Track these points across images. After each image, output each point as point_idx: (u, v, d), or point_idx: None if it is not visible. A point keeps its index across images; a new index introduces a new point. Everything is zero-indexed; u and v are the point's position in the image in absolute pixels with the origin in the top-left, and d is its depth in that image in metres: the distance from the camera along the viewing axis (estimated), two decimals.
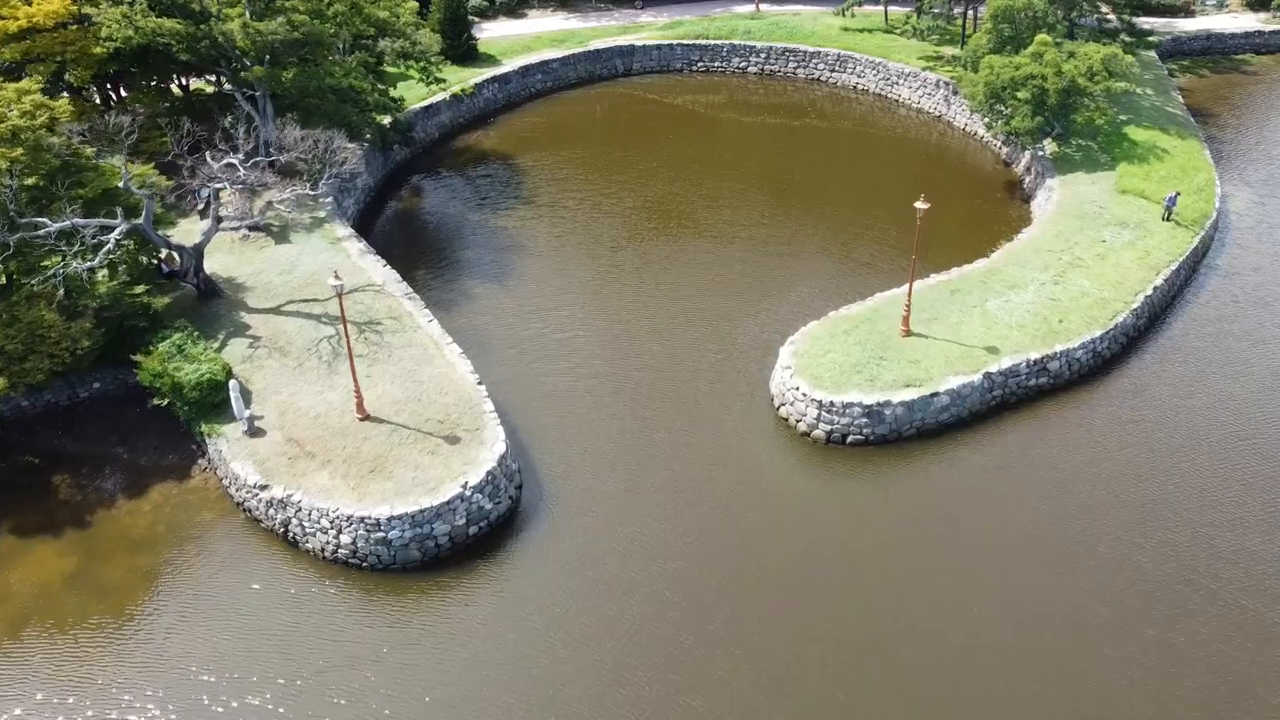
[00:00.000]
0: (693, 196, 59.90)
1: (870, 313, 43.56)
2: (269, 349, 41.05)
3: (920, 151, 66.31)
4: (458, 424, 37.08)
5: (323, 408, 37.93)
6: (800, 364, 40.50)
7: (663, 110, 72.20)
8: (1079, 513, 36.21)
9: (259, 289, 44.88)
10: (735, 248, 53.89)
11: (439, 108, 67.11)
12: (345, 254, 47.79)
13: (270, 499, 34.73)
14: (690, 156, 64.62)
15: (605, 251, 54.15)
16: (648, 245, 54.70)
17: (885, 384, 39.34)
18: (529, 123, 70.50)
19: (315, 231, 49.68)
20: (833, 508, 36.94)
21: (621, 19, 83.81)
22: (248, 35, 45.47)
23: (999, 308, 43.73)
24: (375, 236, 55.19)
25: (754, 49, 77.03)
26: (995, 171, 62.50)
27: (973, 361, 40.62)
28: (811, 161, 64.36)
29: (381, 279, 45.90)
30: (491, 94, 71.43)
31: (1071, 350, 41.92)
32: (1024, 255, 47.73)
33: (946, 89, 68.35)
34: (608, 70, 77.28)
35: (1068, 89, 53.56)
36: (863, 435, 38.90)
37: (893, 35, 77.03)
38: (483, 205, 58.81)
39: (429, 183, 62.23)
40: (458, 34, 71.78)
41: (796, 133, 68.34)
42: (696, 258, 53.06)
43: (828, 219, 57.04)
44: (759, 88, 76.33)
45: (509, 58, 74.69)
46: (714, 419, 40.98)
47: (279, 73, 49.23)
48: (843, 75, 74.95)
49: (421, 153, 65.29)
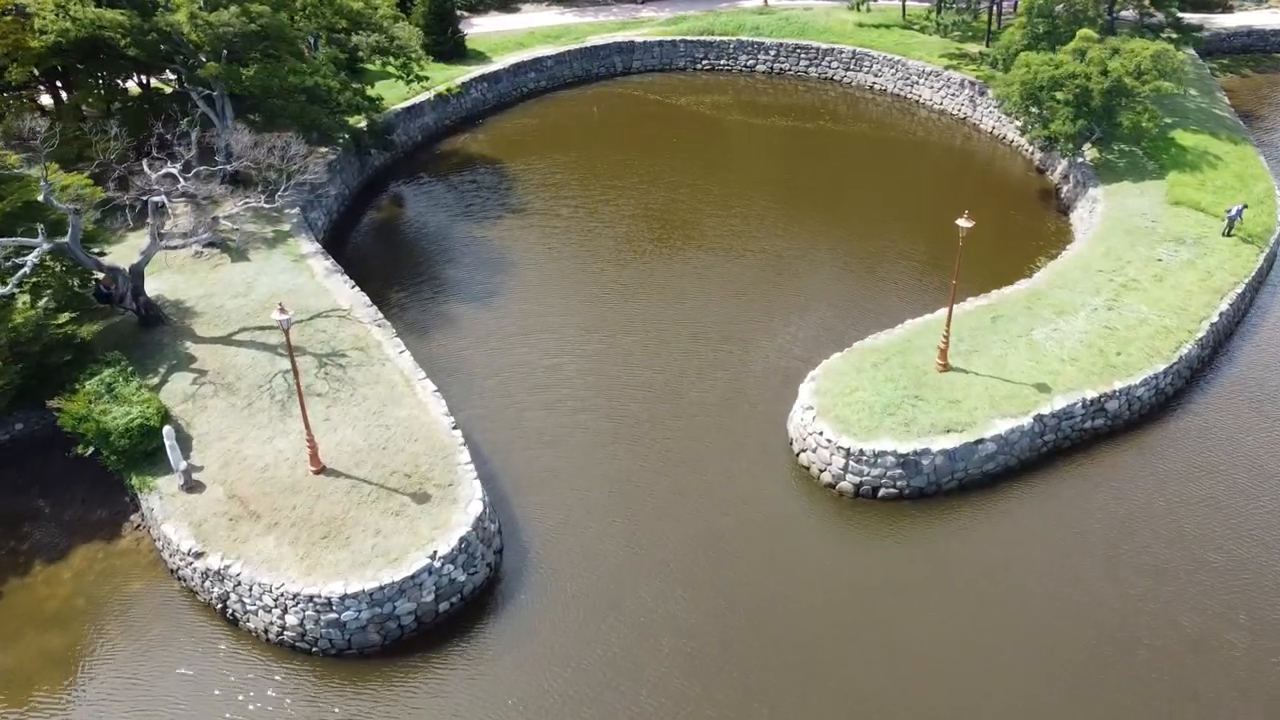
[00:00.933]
0: (698, 204, 54.75)
1: (902, 343, 38.39)
2: (215, 386, 35.86)
3: (945, 157, 61.11)
4: (428, 478, 31.88)
5: (272, 457, 32.74)
6: (824, 404, 35.33)
7: (665, 111, 66.99)
8: (1152, 579, 31.08)
9: (209, 314, 39.69)
10: (746, 263, 48.71)
11: (422, 108, 61.91)
12: (309, 273, 42.60)
13: (206, 569, 29.56)
14: (695, 161, 59.46)
15: (601, 266, 48.99)
16: (649, 259, 49.53)
17: (922, 429, 34.16)
18: (520, 125, 65.29)
19: (277, 247, 44.46)
20: (863, 574, 31.75)
21: (621, 14, 78.60)
22: (197, 27, 40.26)
23: (1047, 337, 38.55)
24: (348, 251, 50.04)
25: (763, 46, 71.80)
26: (1028, 179, 57.30)
27: (1021, 402, 35.44)
28: (827, 167, 59.17)
29: (348, 303, 40.71)
30: (480, 94, 66.22)
31: (1132, 388, 36.76)
32: (1071, 276, 42.54)
33: (972, 89, 63.14)
34: (606, 68, 72.05)
35: (1113, 89, 48.37)
36: (896, 488, 33.74)
37: (911, 31, 71.80)
38: (468, 215, 53.62)
39: (410, 190, 57.03)
40: (444, 29, 66.58)
41: (810, 136, 63.14)
42: (703, 273, 47.90)
43: (847, 231, 51.86)
44: (768, 87, 71.11)
45: (499, 55, 69.47)
46: (725, 464, 35.85)
47: (237, 70, 44.01)
48: (858, 74, 69.72)
49: (403, 157, 60.08)
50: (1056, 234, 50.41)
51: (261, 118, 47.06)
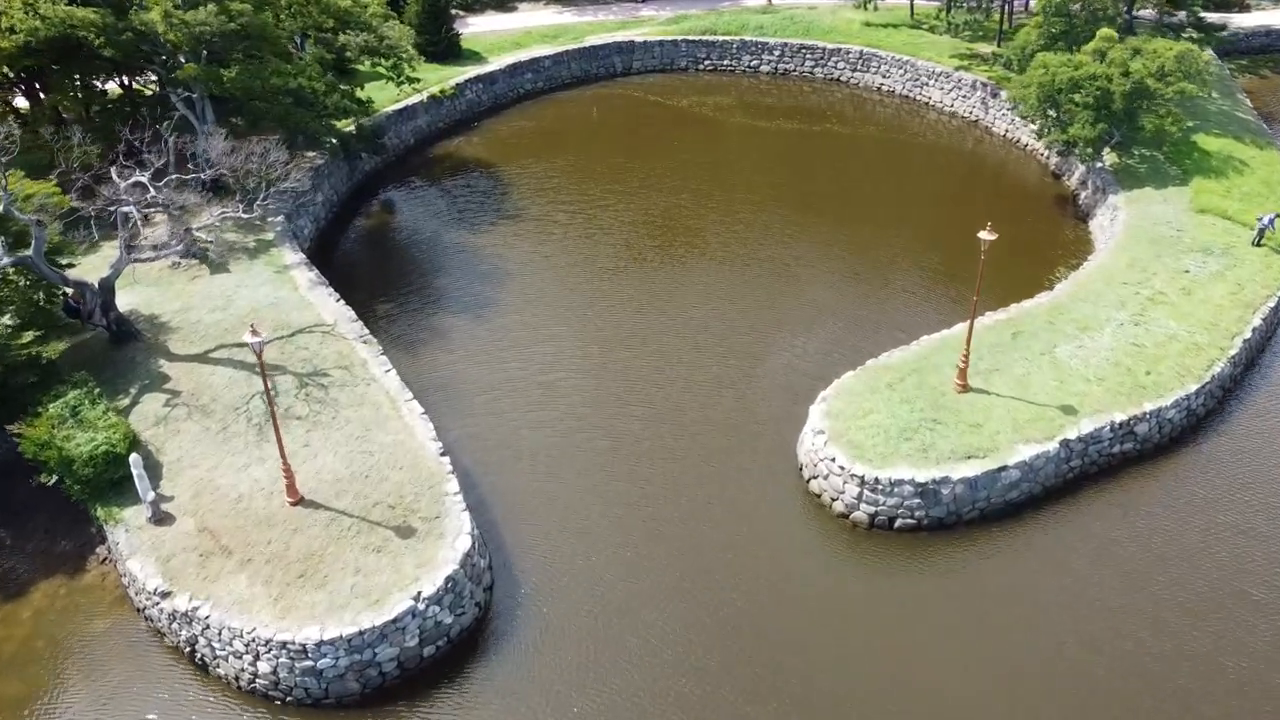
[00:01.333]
0: (701, 210, 52.63)
1: (918, 361, 36.24)
2: (189, 408, 33.70)
3: (956, 161, 58.97)
4: (413, 509, 29.74)
5: (246, 486, 30.59)
6: (836, 428, 33.18)
7: (666, 113, 64.83)
8: (1191, 617, 28.96)
9: (185, 330, 37.51)
10: (751, 272, 46.57)
11: (415, 110, 59.74)
12: (292, 286, 40.43)
13: (173, 611, 27.42)
14: (697, 165, 57.31)
15: (600, 275, 46.87)
16: (649, 267, 47.40)
17: (941, 455, 32.02)
18: (517, 127, 63.13)
19: (259, 258, 42.30)
20: (879, 610, 29.59)
21: (621, 13, 76.43)
22: (172, 26, 38.09)
23: (1071, 355, 36.40)
24: (335, 260, 47.93)
25: (767, 46, 69.62)
26: (1043, 184, 55.14)
27: (1045, 425, 33.30)
28: (834, 172, 57.00)
29: (332, 317, 38.54)
30: (475, 95, 64.05)
31: (1163, 410, 34.62)
32: (1094, 288, 40.39)
33: (984, 91, 60.98)
34: (605, 69, 69.87)
35: (1135, 91, 46.21)
36: (914, 519, 31.60)
37: (920, 30, 69.63)
38: (461, 222, 51.45)
39: (401, 195, 54.86)
40: (438, 28, 64.43)
41: (816, 139, 60.98)
42: (706, 283, 45.78)
43: (856, 239, 49.70)
44: (772, 89, 68.94)
45: (495, 55, 67.31)
46: (731, 491, 33.72)
47: (217, 71, 41.84)
48: (865, 75, 67.55)
49: (394, 161, 57.92)
50: (1076, 242, 48.26)
51: (244, 121, 44.97)
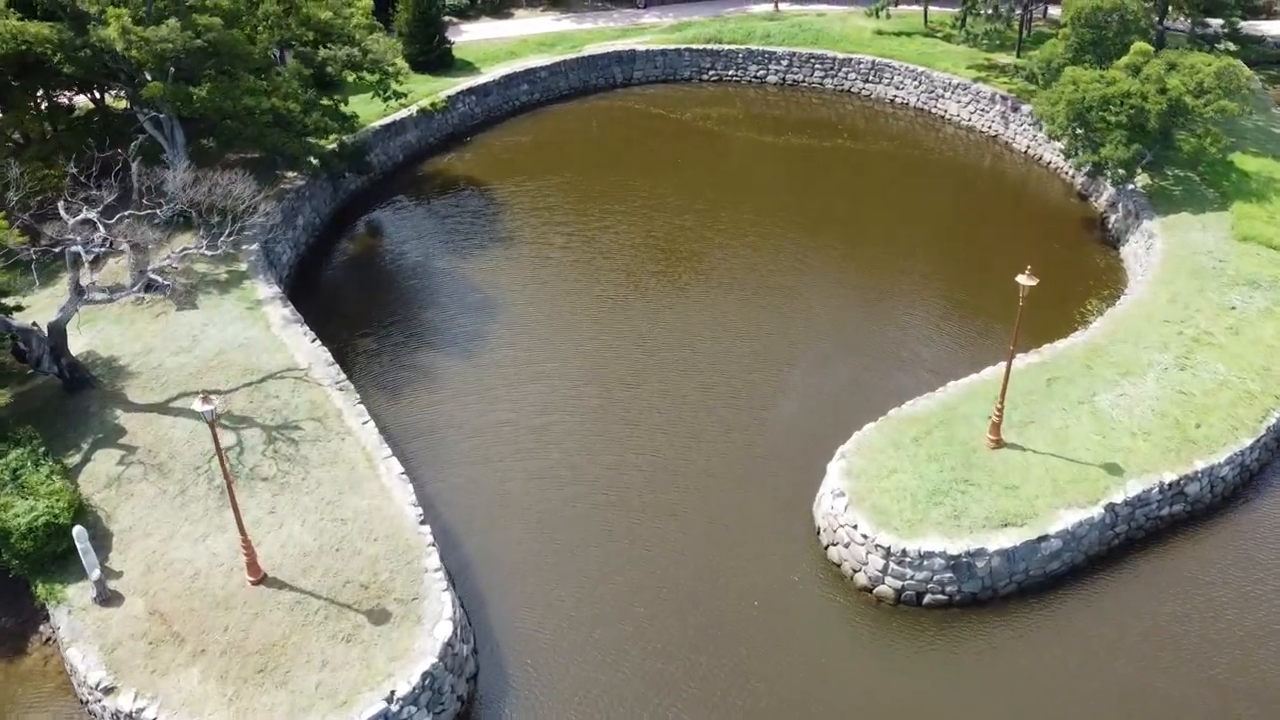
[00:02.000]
0: (705, 233, 49.53)
1: (945, 411, 33.14)
2: (145, 466, 30.62)
3: (976, 179, 55.79)
4: (388, 589, 26.66)
5: (204, 561, 27.51)
6: (857, 489, 30.08)
7: (668, 127, 61.72)
8: (1260, 705, 25.90)
9: (145, 375, 34.41)
10: (762, 302, 43.46)
11: (404, 125, 56.63)
12: (264, 324, 37.32)
13: (116, 711, 24.36)
14: (702, 183, 54.20)
15: (599, 305, 43.81)
16: (651, 296, 44.30)
17: (975, 522, 28.93)
18: (511, 142, 60.02)
19: (230, 291, 39.20)
20: (906, 696, 26.54)
21: (621, 19, 73.30)
22: (130, 44, 34.95)
23: (1113, 405, 33.29)
24: (316, 290, 44.86)
25: (774, 55, 66.48)
26: (1069, 206, 52.01)
27: (1088, 486, 30.20)
28: (847, 192, 53.84)
29: (306, 360, 35.44)
30: (468, 108, 60.92)
31: (1216, 467, 31.53)
32: (1133, 327, 37.27)
33: (1004, 104, 57.84)
34: (604, 79, 66.73)
35: (1172, 109, 43.07)
36: (945, 594, 28.52)
37: (934, 39, 66.50)
38: (451, 246, 48.35)
39: (388, 217, 51.74)
40: (429, 38, 61.30)
41: (827, 156, 57.82)
42: (713, 314, 42.69)
43: (872, 266, 46.60)
44: (780, 100, 65.80)
45: (489, 65, 64.16)
46: (741, 555, 30.69)
47: (186, 90, 38.75)
48: (878, 86, 64.39)
49: (381, 179, 54.80)
50: (1108, 272, 45.13)
51: (217, 142, 41.99)
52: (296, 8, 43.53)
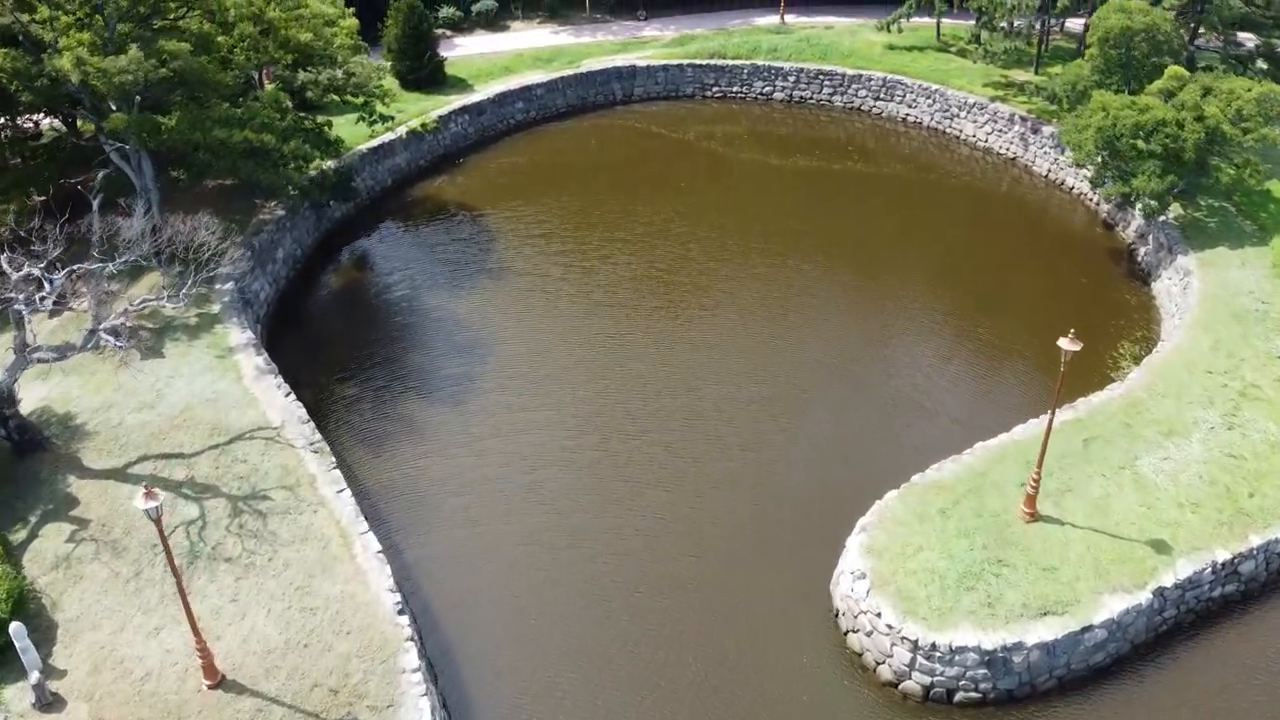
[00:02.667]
0: (711, 264, 46.80)
1: (974, 477, 30.39)
2: (97, 543, 27.90)
3: (994, 205, 52.95)
4: (359, 694, 23.91)
5: (156, 659, 24.77)
6: (880, 570, 27.34)
7: (671, 148, 58.95)
8: None
9: (103, 435, 31.67)
10: (771, 343, 40.73)
11: (393, 148, 53.84)
12: (235, 375, 34.57)
13: None
14: (706, 208, 51.48)
15: (597, 343, 41.11)
16: (654, 334, 41.55)
17: (1011, 610, 26.19)
18: (505, 164, 57.24)
19: (200, 337, 36.45)
20: None
21: (621, 33, 70.51)
22: (85, 75, 32.17)
23: (1156, 470, 30.54)
24: (295, 329, 42.09)
25: (781, 71, 63.69)
26: (1093, 235, 49.24)
27: (1134, 568, 27.45)
28: (859, 218, 51.02)
29: (279, 417, 32.68)
30: (460, 128, 58.13)
31: (1272, 543, 28.78)
32: (1174, 378, 34.52)
33: (1023, 126, 55.07)
34: (604, 96, 63.93)
35: (1210, 138, 40.33)
36: (979, 691, 25.78)
37: (948, 54, 63.76)
38: (440, 279, 45.57)
39: (375, 247, 48.96)
40: (419, 54, 58.48)
41: (837, 180, 55.02)
42: (721, 356, 39.98)
43: (888, 301, 43.84)
44: (787, 118, 63.03)
45: (483, 82, 61.37)
46: (752, 637, 28.10)
47: (153, 120, 36.02)
48: (889, 104, 61.62)
49: (369, 205, 52.02)
50: (1139, 310, 42.38)
51: (188, 174, 39.21)
52: (275, 29, 40.74)
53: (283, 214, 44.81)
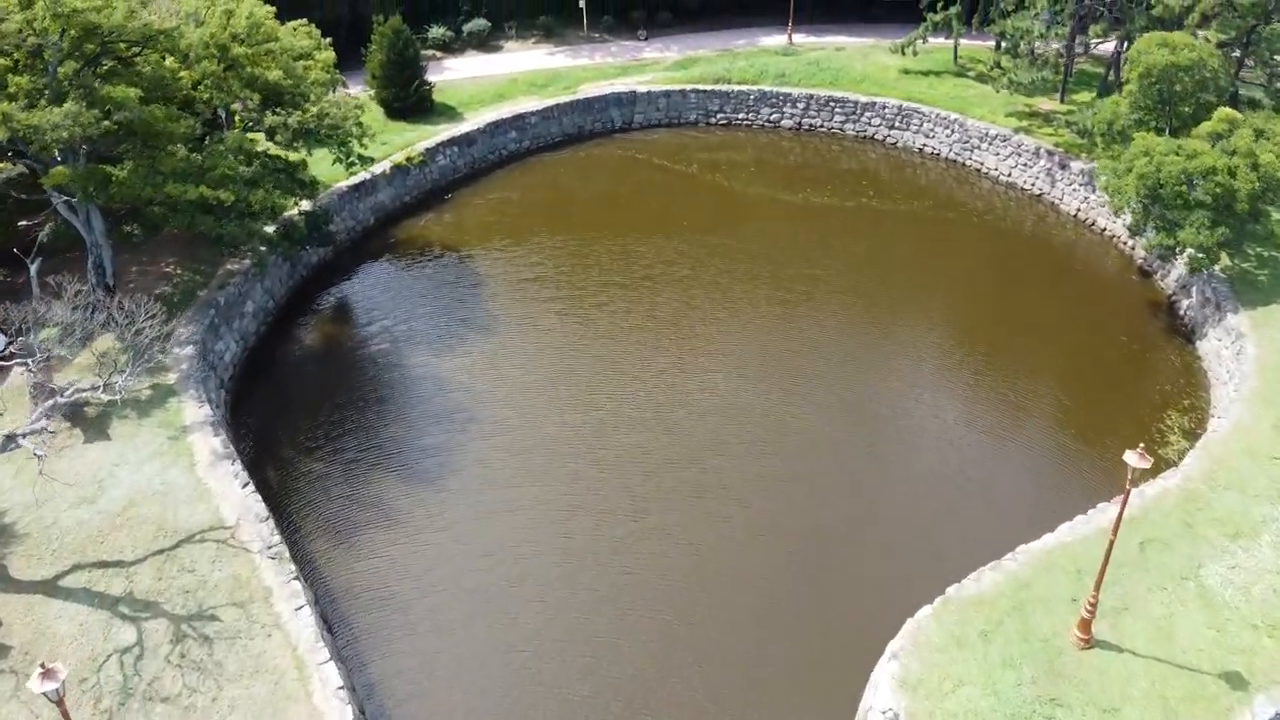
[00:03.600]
0: (716, 313, 43.30)
1: (1017, 590, 26.81)
2: (17, 676, 24.33)
3: (1019, 247, 49.29)
4: None
5: None
6: (914, 709, 23.77)
7: (673, 181, 55.39)
8: None
9: (33, 538, 28.11)
10: (783, 410, 37.12)
11: (375, 184, 50.29)
12: (188, 461, 30.99)
13: None
14: (711, 249, 47.97)
15: (592, 410, 37.56)
16: (653, 398, 37.99)
17: None
18: (496, 200, 53.68)
19: (152, 413, 32.88)
20: None
21: (620, 53, 66.96)
22: (12, 131, 28.59)
23: (1224, 582, 26.99)
24: (262, 395, 38.53)
25: (789, 97, 60.16)
26: (1127, 283, 45.65)
27: (1207, 707, 23.86)
28: (874, 261, 47.38)
29: (235, 513, 29.12)
30: (449, 160, 54.61)
31: None
32: (1236, 466, 30.93)
33: (1050, 160, 51.52)
34: (602, 124, 60.42)
35: (1266, 187, 36.80)
36: None
37: (966, 79, 60.26)
38: (421, 333, 42.04)
39: (353, 296, 45.34)
40: (405, 82, 54.95)
41: (850, 218, 51.43)
42: (726, 423, 36.50)
43: (909, 363, 40.20)
44: (795, 148, 59.49)
45: (474, 110, 57.87)
46: None
47: (102, 172, 32.51)
48: (905, 133, 58.09)
49: (349, 247, 48.54)
50: (1185, 374, 38.82)
51: (141, 229, 35.71)
52: (240, 66, 37.21)
53: (252, 264, 41.24)
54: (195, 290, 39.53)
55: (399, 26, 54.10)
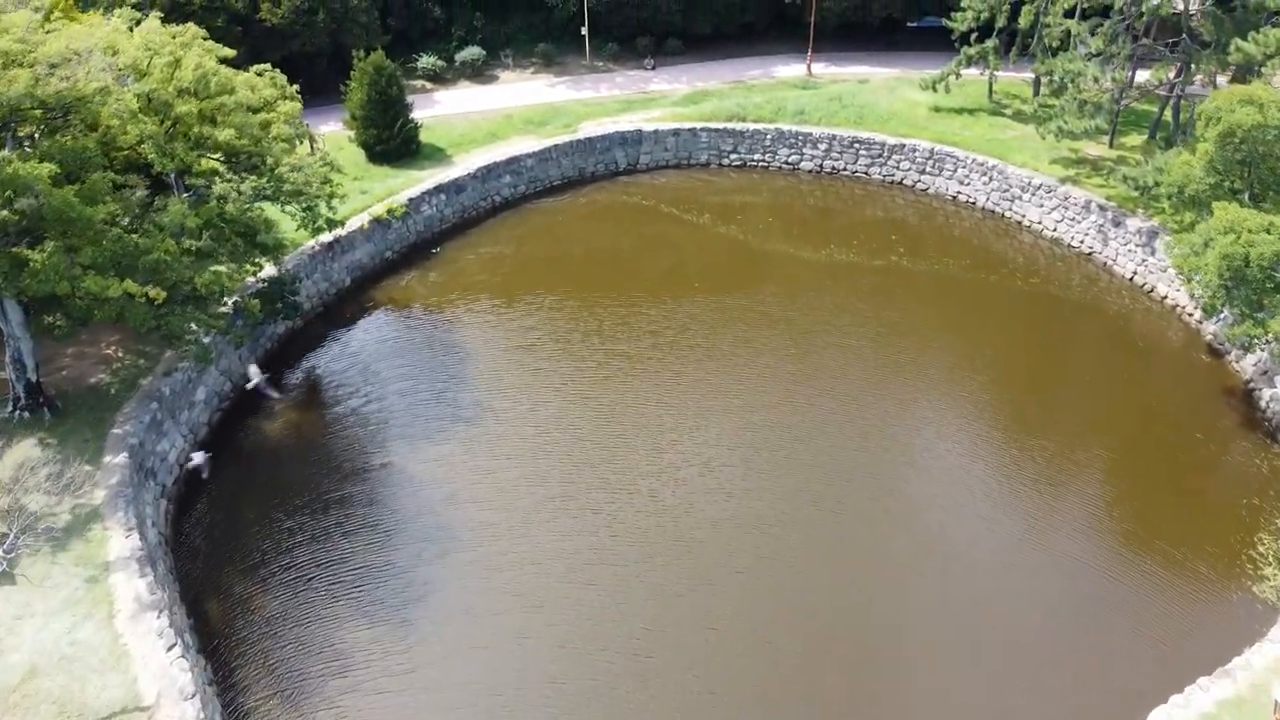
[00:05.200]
0: (735, 392, 38.45)
1: None
2: None
3: (1068, 315, 43.88)
4: None
5: None
6: None
7: (683, 233, 50.29)
8: None
9: None
10: (814, 531, 32.08)
11: (352, 241, 45.33)
12: (106, 611, 26.02)
13: None
14: (725, 314, 43.19)
15: (586, 510, 32.85)
16: (660, 503, 33.07)
17: None
18: (487, 255, 48.66)
19: (71, 545, 27.91)
20: None
21: (626, 85, 61.89)
22: None
23: None
24: (209, 503, 33.54)
25: (809, 138, 55.07)
26: (1197, 364, 40.45)
27: None
28: (909, 333, 42.18)
29: (154, 686, 24.10)
30: (436, 209, 49.62)
31: None
32: None
33: (1101, 216, 46.38)
34: (605, 166, 55.41)
35: None
36: None
37: (1003, 118, 55.16)
38: (397, 417, 37.17)
39: (322, 373, 40.32)
40: (389, 122, 49.92)
41: (879, 279, 46.24)
42: (742, 546, 31.50)
43: (956, 463, 35.05)
44: (818, 193, 54.39)
45: (464, 151, 52.90)
46: None
47: (11, 260, 27.58)
48: (937, 179, 52.97)
49: (322, 312, 43.68)
50: (1274, 483, 33.64)
51: (65, 322, 30.76)
52: (185, 125, 32.27)
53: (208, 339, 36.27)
54: (138, 378, 34.67)
55: (381, 63, 49.10)
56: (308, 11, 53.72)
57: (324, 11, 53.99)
